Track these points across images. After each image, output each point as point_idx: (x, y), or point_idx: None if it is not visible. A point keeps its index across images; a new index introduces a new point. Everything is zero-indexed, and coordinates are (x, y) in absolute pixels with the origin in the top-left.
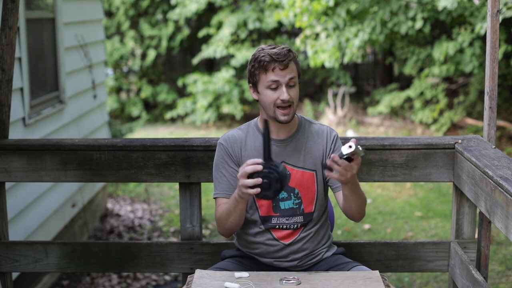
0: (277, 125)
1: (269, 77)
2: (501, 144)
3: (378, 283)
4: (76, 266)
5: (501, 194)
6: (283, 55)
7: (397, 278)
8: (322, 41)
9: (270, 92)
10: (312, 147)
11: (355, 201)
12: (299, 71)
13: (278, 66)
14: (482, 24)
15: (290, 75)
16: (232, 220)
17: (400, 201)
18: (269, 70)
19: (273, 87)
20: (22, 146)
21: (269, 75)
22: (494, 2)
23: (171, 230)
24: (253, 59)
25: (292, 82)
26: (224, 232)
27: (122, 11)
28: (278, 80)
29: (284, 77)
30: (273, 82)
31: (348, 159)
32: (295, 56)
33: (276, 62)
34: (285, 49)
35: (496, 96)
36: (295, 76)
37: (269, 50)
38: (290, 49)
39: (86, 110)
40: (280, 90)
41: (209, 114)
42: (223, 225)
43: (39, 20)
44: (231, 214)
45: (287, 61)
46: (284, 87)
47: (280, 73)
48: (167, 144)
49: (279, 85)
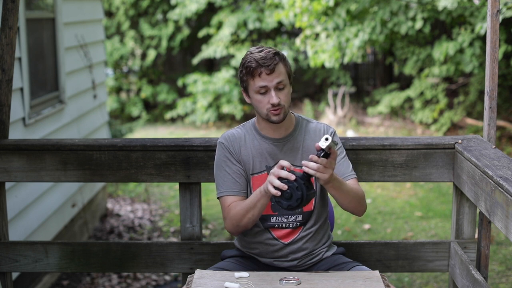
0: (272, 125)
1: (257, 83)
2: (501, 144)
3: (378, 283)
4: (76, 266)
5: (501, 194)
6: (268, 59)
7: (397, 278)
8: (322, 41)
9: (260, 96)
10: (310, 145)
11: (346, 198)
12: (288, 72)
13: (265, 71)
14: (482, 24)
15: (277, 79)
16: (251, 216)
17: (400, 201)
18: (256, 76)
19: (262, 92)
20: (22, 146)
21: (257, 80)
22: (494, 2)
23: (171, 230)
24: (241, 64)
25: (281, 85)
26: (236, 230)
27: (122, 11)
28: (266, 85)
29: (272, 81)
30: (261, 87)
31: (325, 155)
32: (282, 58)
33: (262, 67)
34: (271, 52)
35: (496, 96)
36: (283, 79)
37: (256, 54)
38: (277, 51)
39: (86, 110)
40: (269, 94)
41: (209, 114)
42: (238, 222)
43: (39, 20)
44: (250, 210)
45: (272, 65)
46: (273, 91)
47: (267, 78)
48: (167, 144)
49: (268, 89)
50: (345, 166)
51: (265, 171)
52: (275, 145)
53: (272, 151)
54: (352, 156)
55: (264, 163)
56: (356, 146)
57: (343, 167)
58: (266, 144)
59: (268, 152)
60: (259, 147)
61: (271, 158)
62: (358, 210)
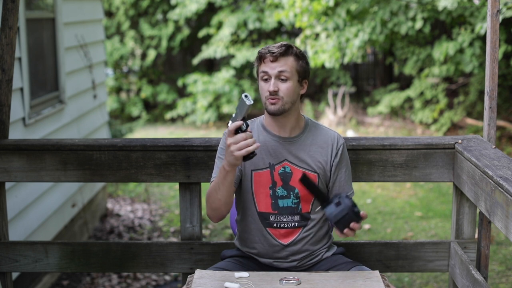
0: (276, 121)
1: (261, 68)
2: (501, 144)
3: (378, 283)
4: (76, 266)
5: (501, 194)
6: (276, 48)
7: (397, 278)
8: (322, 41)
9: (263, 83)
10: (316, 150)
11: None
12: (299, 68)
13: (269, 57)
14: (482, 24)
15: (280, 68)
16: (220, 197)
17: (400, 201)
18: (262, 62)
19: (264, 78)
20: (22, 146)
21: (262, 66)
22: (494, 2)
23: (171, 230)
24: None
25: (283, 76)
26: (212, 214)
27: (122, 11)
28: (267, 71)
29: (274, 69)
30: (264, 73)
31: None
32: (295, 53)
33: (268, 53)
34: (285, 45)
35: (496, 96)
36: (286, 70)
37: (271, 45)
38: (291, 45)
39: (86, 110)
40: (269, 81)
41: (209, 114)
42: (211, 203)
43: (39, 20)
44: (219, 189)
45: (278, 54)
46: (273, 79)
47: (270, 65)
48: (167, 144)
49: (269, 77)
50: (344, 181)
51: (267, 168)
52: (280, 143)
53: (277, 149)
54: (352, 156)
55: (267, 159)
56: (356, 146)
57: (343, 181)
58: (271, 140)
59: (272, 149)
60: (265, 143)
61: (275, 155)
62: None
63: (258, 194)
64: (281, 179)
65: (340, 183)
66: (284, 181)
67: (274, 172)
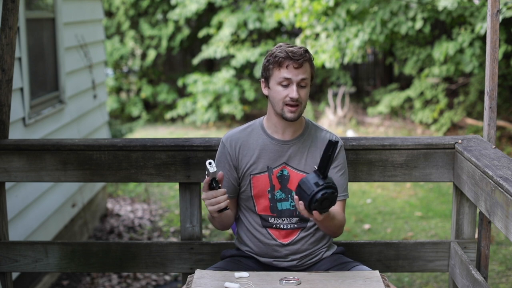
0: (283, 125)
1: (282, 74)
2: (501, 144)
3: (378, 283)
4: (76, 266)
5: (501, 194)
6: (299, 54)
7: (397, 278)
8: (322, 41)
9: (281, 88)
10: (315, 152)
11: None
12: (312, 73)
13: (293, 64)
14: (482, 24)
15: (302, 75)
16: (218, 225)
17: (400, 201)
18: (283, 67)
19: (284, 84)
20: (22, 146)
21: (283, 71)
22: (494, 2)
23: (171, 230)
24: (270, 54)
25: (303, 83)
26: (216, 226)
27: (122, 11)
28: (291, 78)
29: (297, 76)
30: (285, 79)
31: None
32: (311, 58)
33: (291, 60)
34: (302, 49)
35: (496, 96)
36: (307, 77)
37: (286, 47)
38: (307, 50)
39: (86, 110)
40: (291, 88)
41: (209, 114)
42: (213, 223)
43: (39, 20)
44: (215, 221)
45: (302, 60)
46: (295, 85)
47: (294, 72)
48: (167, 144)
49: (291, 83)
50: (340, 184)
51: (266, 172)
52: (280, 146)
53: (277, 152)
54: (352, 156)
55: (266, 163)
56: (356, 146)
57: (338, 184)
58: (271, 144)
59: (272, 153)
60: (264, 147)
61: (274, 159)
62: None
63: (258, 197)
64: (279, 182)
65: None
66: (282, 184)
67: (272, 175)
